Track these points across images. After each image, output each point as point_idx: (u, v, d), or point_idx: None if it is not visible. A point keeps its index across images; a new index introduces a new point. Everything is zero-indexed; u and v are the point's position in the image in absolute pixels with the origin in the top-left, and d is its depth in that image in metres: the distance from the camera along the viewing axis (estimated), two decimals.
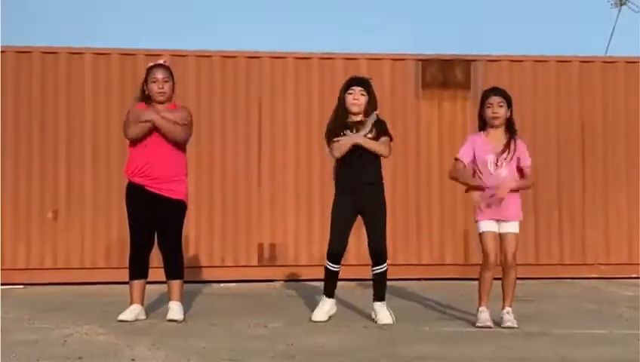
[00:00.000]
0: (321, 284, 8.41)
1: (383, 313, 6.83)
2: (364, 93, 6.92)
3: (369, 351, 5.56)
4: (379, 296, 6.92)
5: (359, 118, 6.92)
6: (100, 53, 10.28)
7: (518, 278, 6.83)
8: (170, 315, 6.82)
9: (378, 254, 6.89)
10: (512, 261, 6.64)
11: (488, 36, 19.55)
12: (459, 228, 10.49)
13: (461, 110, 10.65)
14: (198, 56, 10.43)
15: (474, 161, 6.71)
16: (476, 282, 6.79)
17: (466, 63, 10.71)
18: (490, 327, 6.52)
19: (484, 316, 6.61)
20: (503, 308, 6.66)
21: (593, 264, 10.67)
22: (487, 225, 6.65)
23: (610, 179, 10.79)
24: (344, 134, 6.86)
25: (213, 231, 10.30)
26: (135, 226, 6.94)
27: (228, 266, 10.25)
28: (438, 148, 10.59)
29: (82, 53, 10.26)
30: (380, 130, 6.91)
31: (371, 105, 6.93)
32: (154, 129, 6.85)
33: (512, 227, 6.67)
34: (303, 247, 10.32)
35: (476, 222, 6.71)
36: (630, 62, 10.97)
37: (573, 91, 10.85)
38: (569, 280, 10.31)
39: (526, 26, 20.82)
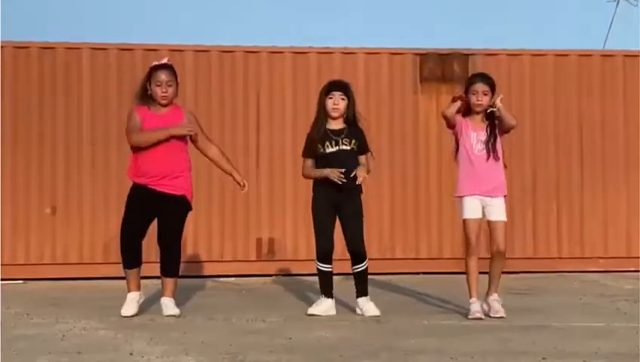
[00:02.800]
0: None
1: (368, 306, 6.88)
2: (344, 97, 6.90)
3: (368, 345, 5.56)
4: (363, 292, 6.96)
5: (339, 124, 6.91)
6: (98, 48, 10.27)
7: (517, 272, 6.86)
8: (168, 311, 6.81)
9: (358, 254, 6.93)
10: (503, 250, 6.67)
11: (486, 30, 19.51)
12: (457, 221, 10.41)
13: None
14: (196, 51, 10.41)
15: (460, 131, 6.77)
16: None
17: (464, 57, 10.70)
18: (481, 319, 6.54)
19: (475, 307, 6.64)
20: (489, 294, 6.67)
21: (592, 257, 10.67)
22: (470, 210, 6.65)
23: (609, 173, 10.79)
24: (323, 151, 6.85)
25: (212, 226, 10.30)
26: (131, 214, 6.88)
27: (226, 261, 10.25)
28: (436, 142, 10.57)
29: (80, 48, 10.24)
30: (361, 143, 6.92)
31: (351, 109, 6.91)
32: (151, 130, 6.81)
33: (499, 213, 6.68)
34: (301, 242, 10.30)
35: (459, 198, 6.73)
36: (629, 55, 10.97)
37: (571, 85, 10.84)
38: (568, 273, 10.31)
39: (524, 19, 20.78)
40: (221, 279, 9.88)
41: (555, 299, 8.08)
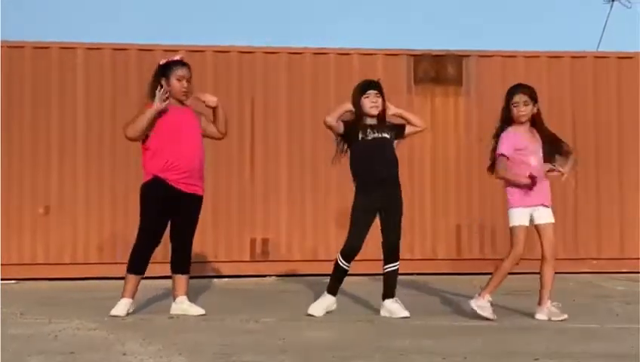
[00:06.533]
0: (314, 279, 8.42)
1: (396, 307, 6.84)
2: (379, 95, 6.92)
3: (361, 346, 5.56)
4: (391, 293, 6.92)
5: (375, 121, 6.91)
6: (92, 48, 10.27)
7: (511, 273, 6.86)
8: (197, 311, 6.85)
9: (395, 252, 6.95)
10: (555, 250, 6.79)
11: (480, 31, 19.56)
12: (451, 222, 10.51)
13: (453, 105, 10.67)
14: (191, 51, 10.38)
15: (513, 154, 6.73)
16: (469, 276, 6.81)
17: (458, 59, 10.72)
18: (493, 319, 6.54)
19: (488, 305, 6.62)
20: (543, 303, 6.71)
21: (585, 258, 10.70)
22: (520, 218, 6.67)
23: (602, 174, 10.81)
24: (365, 136, 6.84)
25: (206, 226, 10.24)
26: (153, 224, 6.80)
27: (220, 261, 10.26)
28: (431, 143, 10.60)
29: (74, 48, 10.25)
30: (398, 129, 7.00)
31: (384, 105, 6.97)
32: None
33: (548, 216, 6.77)
34: (295, 242, 10.32)
35: (510, 208, 6.73)
36: (622, 57, 11.01)
37: (565, 86, 10.87)
38: (561, 275, 10.29)
39: (519, 21, 20.86)
40: (215, 279, 9.88)
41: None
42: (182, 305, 6.93)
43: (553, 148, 6.86)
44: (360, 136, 6.84)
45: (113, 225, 9.87)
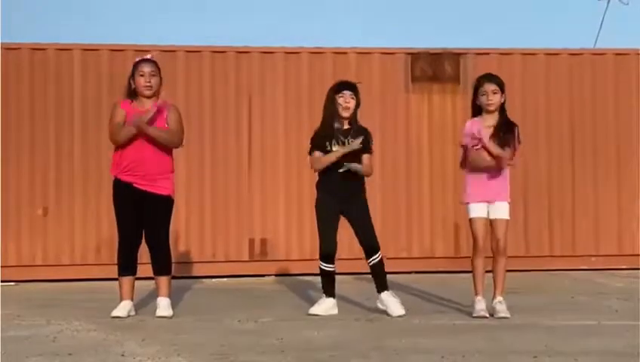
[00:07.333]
0: (312, 279, 8.44)
1: (392, 303, 6.84)
2: (354, 97, 6.93)
3: (359, 345, 5.57)
4: (382, 286, 6.93)
5: (346, 124, 6.92)
6: (89, 50, 10.27)
7: (509, 270, 6.86)
8: (160, 312, 6.81)
9: (371, 249, 6.94)
10: (503, 247, 6.67)
11: (477, 29, 19.55)
12: (449, 220, 10.51)
13: (451, 103, 10.67)
14: (188, 51, 10.42)
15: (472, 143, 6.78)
16: (467, 275, 6.84)
17: (455, 57, 10.72)
18: (485, 317, 6.56)
19: (479, 306, 6.64)
20: (494, 297, 6.69)
21: (583, 255, 10.70)
22: (476, 210, 6.69)
23: (600, 170, 10.82)
24: (329, 148, 6.87)
25: (204, 227, 10.30)
26: (124, 224, 6.91)
27: (219, 261, 10.26)
28: (428, 141, 10.61)
29: (71, 49, 10.24)
30: (364, 141, 6.93)
31: (357, 109, 6.96)
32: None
33: (502, 212, 6.71)
34: (294, 242, 10.32)
35: (465, 204, 6.75)
36: (619, 54, 11.00)
37: (562, 83, 10.88)
38: (559, 271, 10.34)
39: (515, 19, 20.83)
40: (213, 279, 9.89)
41: (546, 298, 8.11)
42: (157, 306, 6.92)
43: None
44: (327, 147, 6.90)
45: (111, 226, 9.78)
